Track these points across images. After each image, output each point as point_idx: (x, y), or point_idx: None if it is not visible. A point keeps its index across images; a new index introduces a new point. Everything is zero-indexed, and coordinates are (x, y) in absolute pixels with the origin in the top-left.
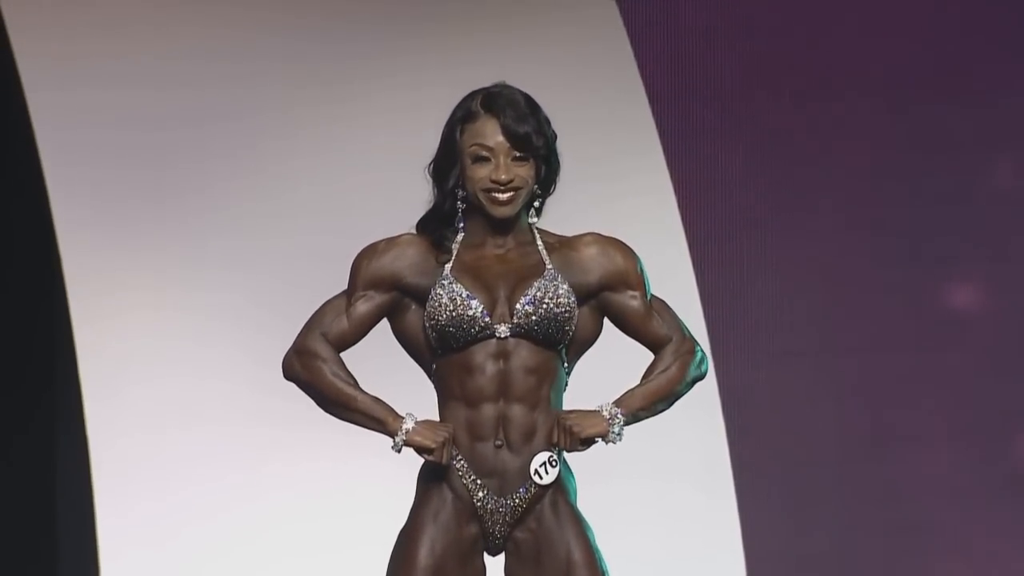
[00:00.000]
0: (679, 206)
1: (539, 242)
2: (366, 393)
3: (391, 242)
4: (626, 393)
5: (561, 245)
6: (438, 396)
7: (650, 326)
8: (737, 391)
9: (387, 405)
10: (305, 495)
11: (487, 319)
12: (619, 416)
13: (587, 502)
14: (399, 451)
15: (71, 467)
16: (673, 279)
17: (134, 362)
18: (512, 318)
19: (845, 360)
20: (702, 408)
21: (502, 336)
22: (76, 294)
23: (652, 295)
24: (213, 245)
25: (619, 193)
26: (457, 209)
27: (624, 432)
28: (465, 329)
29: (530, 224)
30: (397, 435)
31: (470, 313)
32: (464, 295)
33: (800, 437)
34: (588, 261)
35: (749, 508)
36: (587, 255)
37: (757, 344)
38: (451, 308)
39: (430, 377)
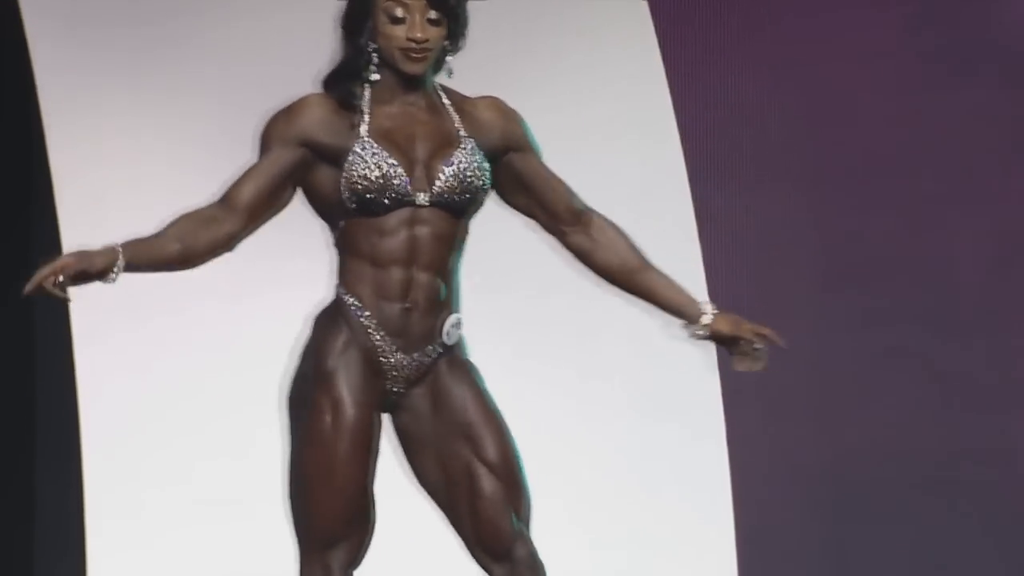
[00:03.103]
0: None
1: (446, 101)
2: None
3: (297, 103)
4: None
5: (465, 105)
6: (341, 251)
7: (558, 188)
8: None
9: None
10: (292, 323)
11: (408, 188)
12: None
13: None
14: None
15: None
16: None
17: (111, 189)
18: (432, 187)
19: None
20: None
21: (421, 204)
22: (52, 121)
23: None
24: (191, 71)
25: None
26: (369, 64)
27: None
28: (387, 197)
29: (434, 82)
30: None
31: (394, 183)
32: (389, 163)
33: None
34: (491, 123)
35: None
36: (490, 117)
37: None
38: (375, 175)
39: (333, 232)
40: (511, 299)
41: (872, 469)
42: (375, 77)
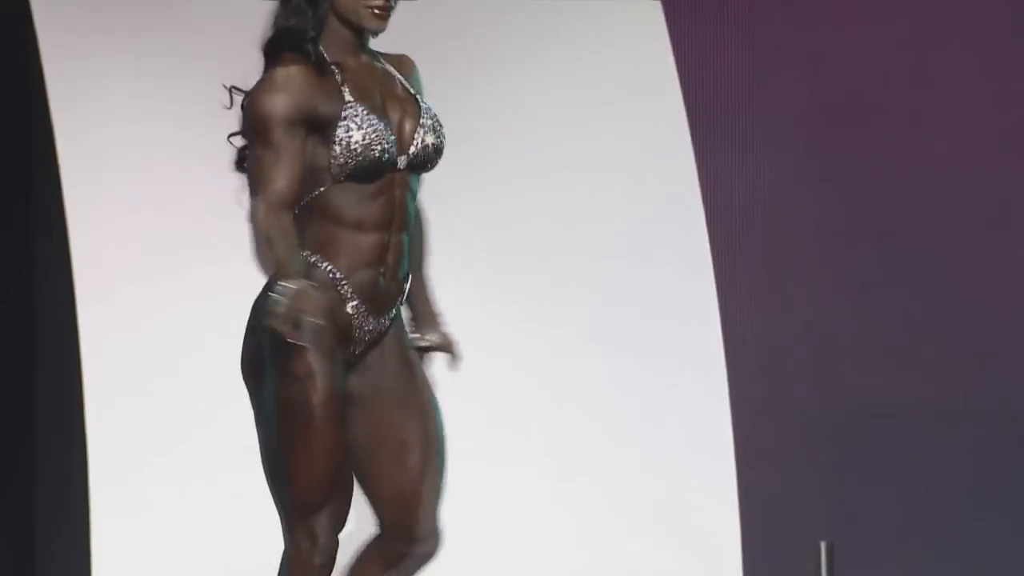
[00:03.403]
0: None
1: (381, 59)
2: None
3: (284, 78)
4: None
5: (395, 63)
6: (313, 219)
7: None
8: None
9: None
10: None
11: (395, 152)
12: None
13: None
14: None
15: (48, 251)
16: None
17: (113, 147)
18: (409, 150)
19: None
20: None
21: (401, 167)
22: (54, 80)
23: None
24: (192, 30)
25: None
26: (322, 23)
27: None
28: (380, 162)
29: None
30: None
31: (387, 147)
32: (379, 128)
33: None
34: (419, 82)
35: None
36: (416, 76)
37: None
38: (369, 141)
39: (303, 198)
40: (515, 261)
41: (873, 429)
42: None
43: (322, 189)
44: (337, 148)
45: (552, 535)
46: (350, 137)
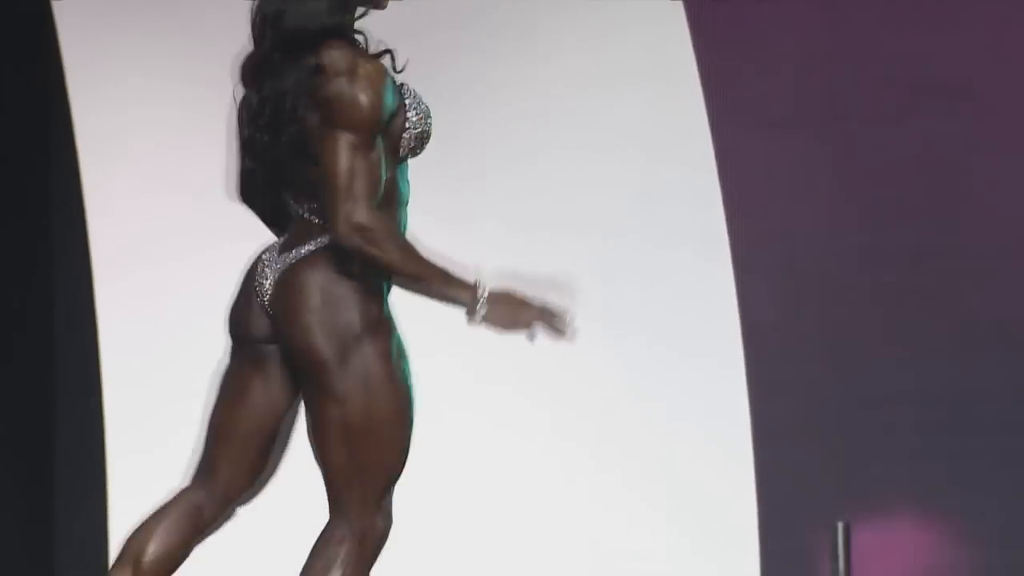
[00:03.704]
0: None
1: None
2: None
3: (380, 71)
4: None
5: None
6: (383, 206)
7: None
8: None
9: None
10: None
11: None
12: None
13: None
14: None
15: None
16: None
17: (129, 130)
18: None
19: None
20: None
21: None
22: (72, 63)
23: None
24: (210, 9)
25: None
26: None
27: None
28: (428, 137)
29: None
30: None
31: (430, 120)
32: (423, 102)
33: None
34: None
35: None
36: None
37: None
38: (427, 116)
39: None
40: (530, 241)
41: (890, 409)
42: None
43: (390, 175)
44: (410, 128)
45: (567, 515)
46: (415, 115)
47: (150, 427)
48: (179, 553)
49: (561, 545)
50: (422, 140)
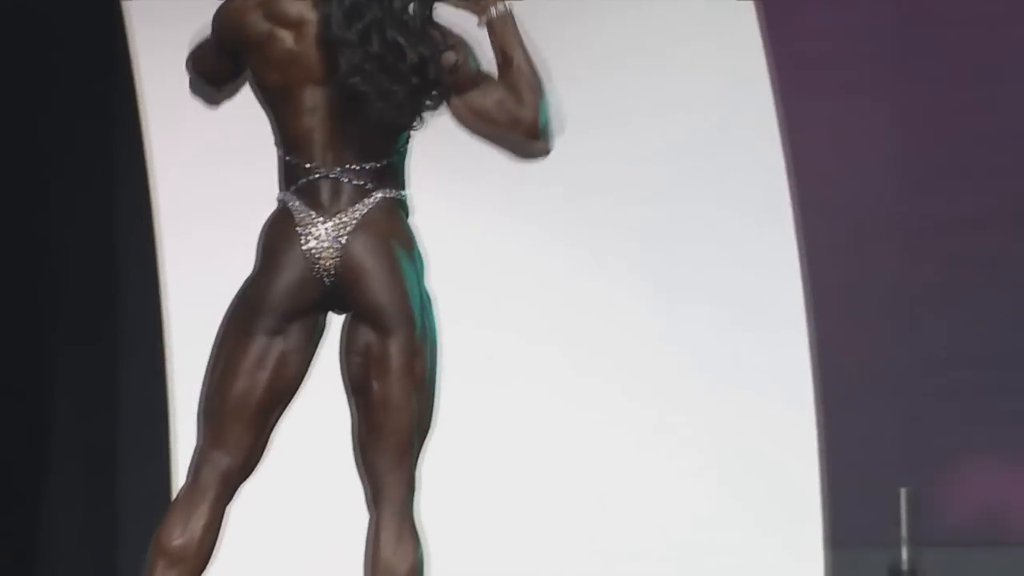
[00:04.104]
0: None
1: None
2: None
3: None
4: None
5: None
6: (403, 160)
7: None
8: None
9: None
10: None
11: None
12: None
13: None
14: None
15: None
16: None
17: None
18: None
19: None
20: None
21: None
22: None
23: None
24: None
25: None
26: None
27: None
28: None
29: None
30: None
31: None
32: None
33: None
34: None
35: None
36: None
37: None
38: None
39: (404, 141)
40: (593, 205)
41: (955, 373)
42: None
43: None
44: None
45: (629, 482)
46: None
47: None
48: (218, 529)
49: (624, 511)
50: None
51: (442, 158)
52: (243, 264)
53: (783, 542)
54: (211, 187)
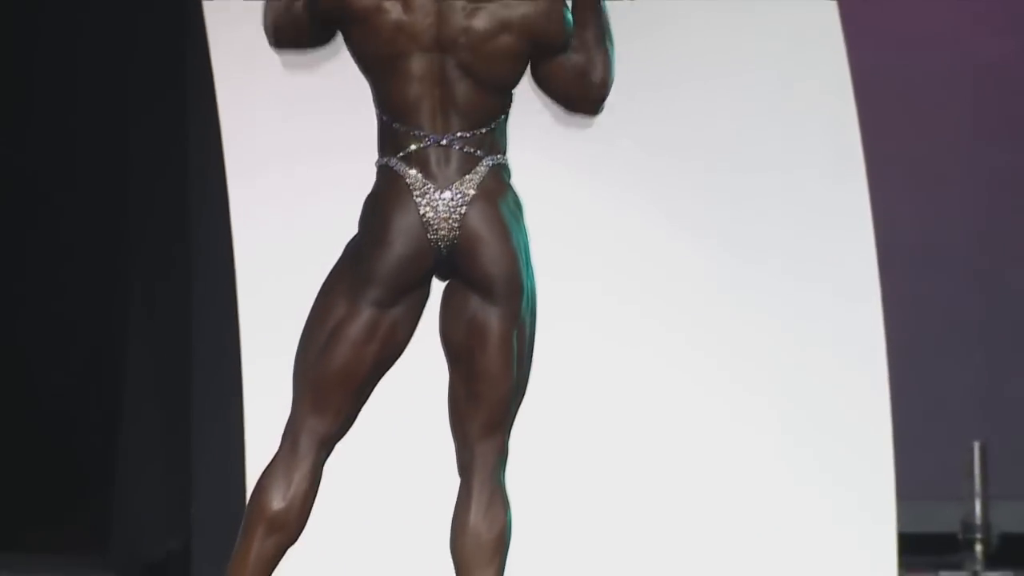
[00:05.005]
0: None
1: None
2: None
3: None
4: None
5: None
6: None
7: None
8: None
9: None
10: None
11: None
12: None
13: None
14: None
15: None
16: None
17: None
18: None
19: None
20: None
21: None
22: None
23: None
24: None
25: None
26: None
27: None
28: None
29: None
30: None
31: None
32: None
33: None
34: None
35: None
36: None
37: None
38: None
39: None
40: (662, 164)
41: None
42: None
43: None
44: None
45: (701, 438)
46: None
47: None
48: (315, 496)
49: (697, 466)
50: None
51: (515, 115)
52: (310, 210)
53: (855, 496)
54: (277, 134)
